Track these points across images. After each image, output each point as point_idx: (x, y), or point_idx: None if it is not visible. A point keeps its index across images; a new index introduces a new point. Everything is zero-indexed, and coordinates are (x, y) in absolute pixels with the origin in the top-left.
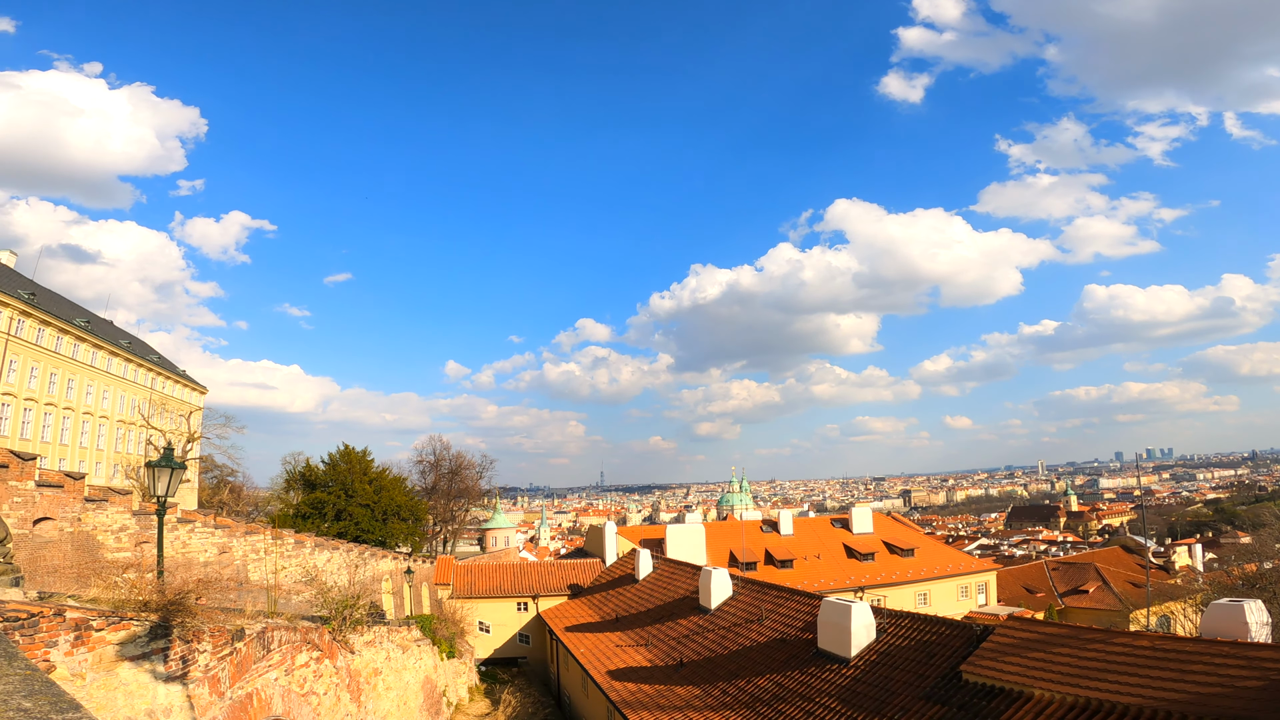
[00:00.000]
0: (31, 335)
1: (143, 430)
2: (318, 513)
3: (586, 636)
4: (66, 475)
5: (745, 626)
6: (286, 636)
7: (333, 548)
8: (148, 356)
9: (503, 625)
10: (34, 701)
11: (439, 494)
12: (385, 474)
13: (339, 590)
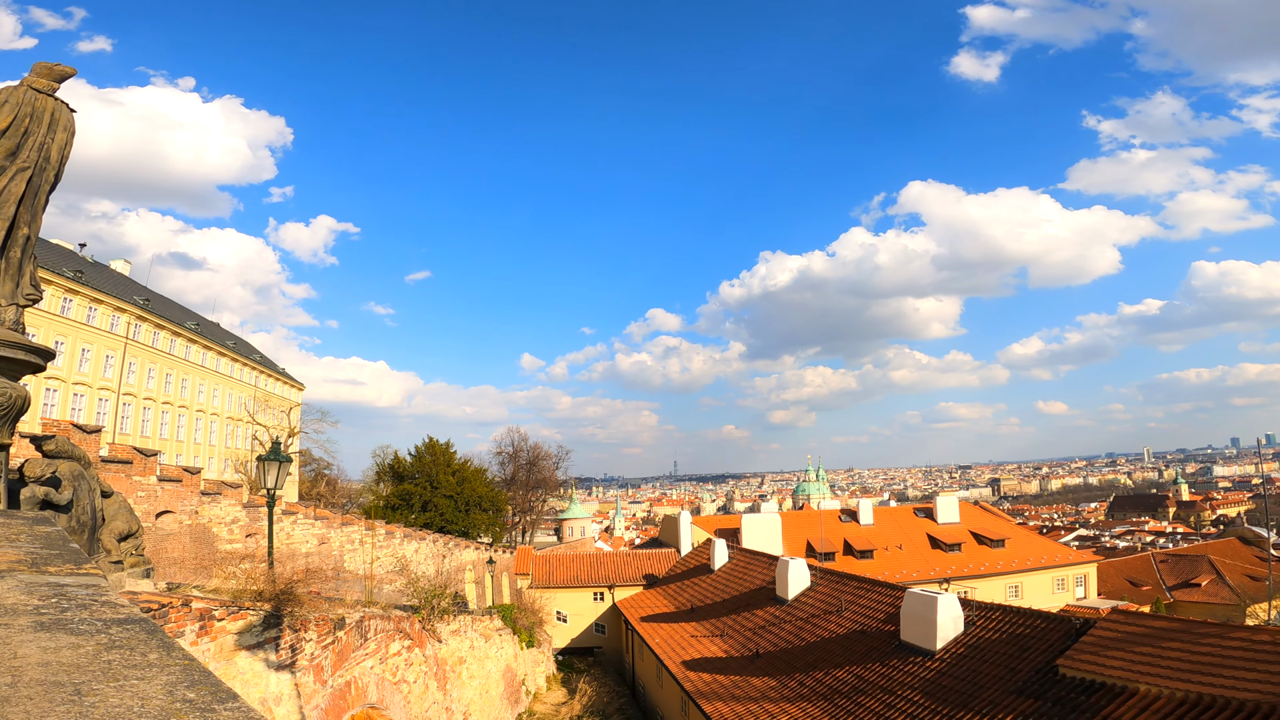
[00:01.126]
0: (148, 338)
1: (249, 426)
2: (406, 504)
3: (661, 627)
4: (184, 470)
5: (823, 618)
6: (381, 625)
7: (420, 538)
8: (251, 356)
9: (579, 615)
10: (197, 692)
11: (517, 485)
12: (467, 466)
13: (427, 580)
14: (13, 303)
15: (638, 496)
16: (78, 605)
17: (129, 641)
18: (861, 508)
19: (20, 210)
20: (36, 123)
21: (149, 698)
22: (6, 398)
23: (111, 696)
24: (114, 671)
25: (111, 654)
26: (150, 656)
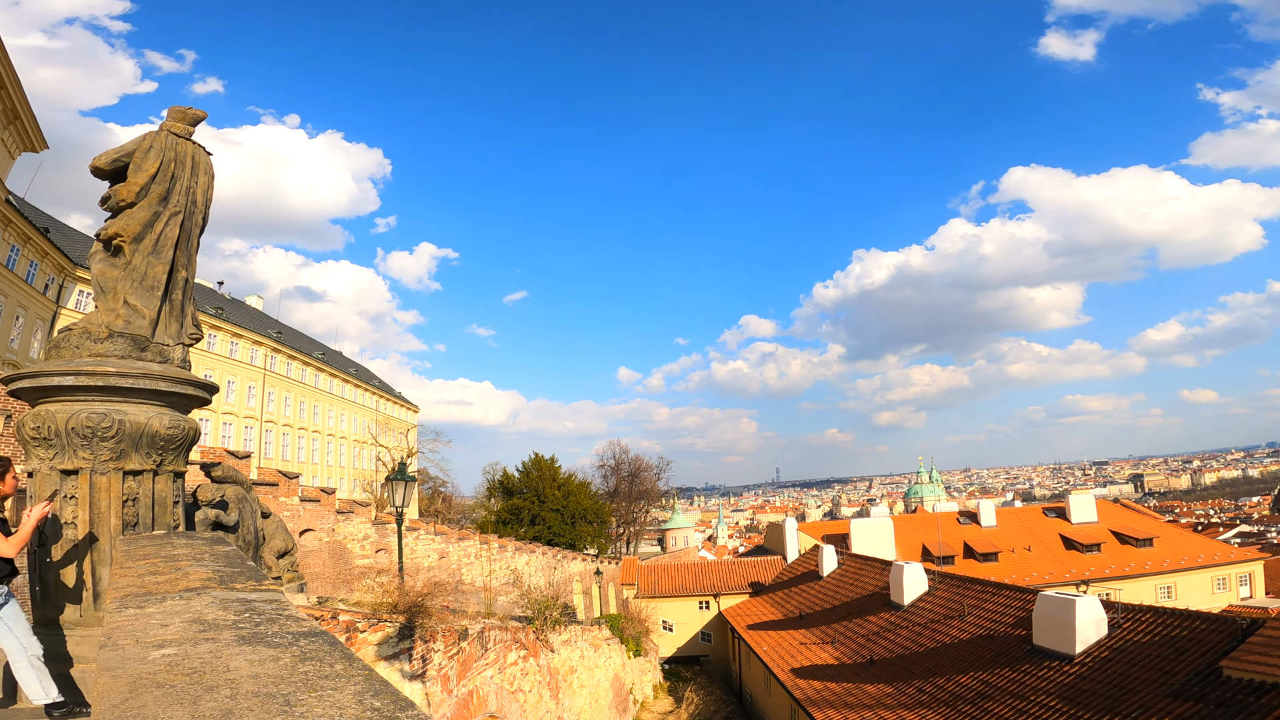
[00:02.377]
0: (282, 369)
1: (372, 448)
2: (515, 518)
3: (769, 634)
4: (321, 491)
5: (943, 623)
6: (499, 636)
7: (530, 551)
8: (371, 382)
9: (685, 624)
10: (381, 700)
11: (620, 496)
12: (572, 479)
13: (539, 591)
14: (179, 342)
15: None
16: (266, 619)
17: (317, 653)
18: (982, 509)
19: (177, 254)
20: (181, 167)
21: (344, 707)
22: (181, 430)
23: (315, 706)
24: (311, 682)
25: (305, 665)
26: (336, 667)
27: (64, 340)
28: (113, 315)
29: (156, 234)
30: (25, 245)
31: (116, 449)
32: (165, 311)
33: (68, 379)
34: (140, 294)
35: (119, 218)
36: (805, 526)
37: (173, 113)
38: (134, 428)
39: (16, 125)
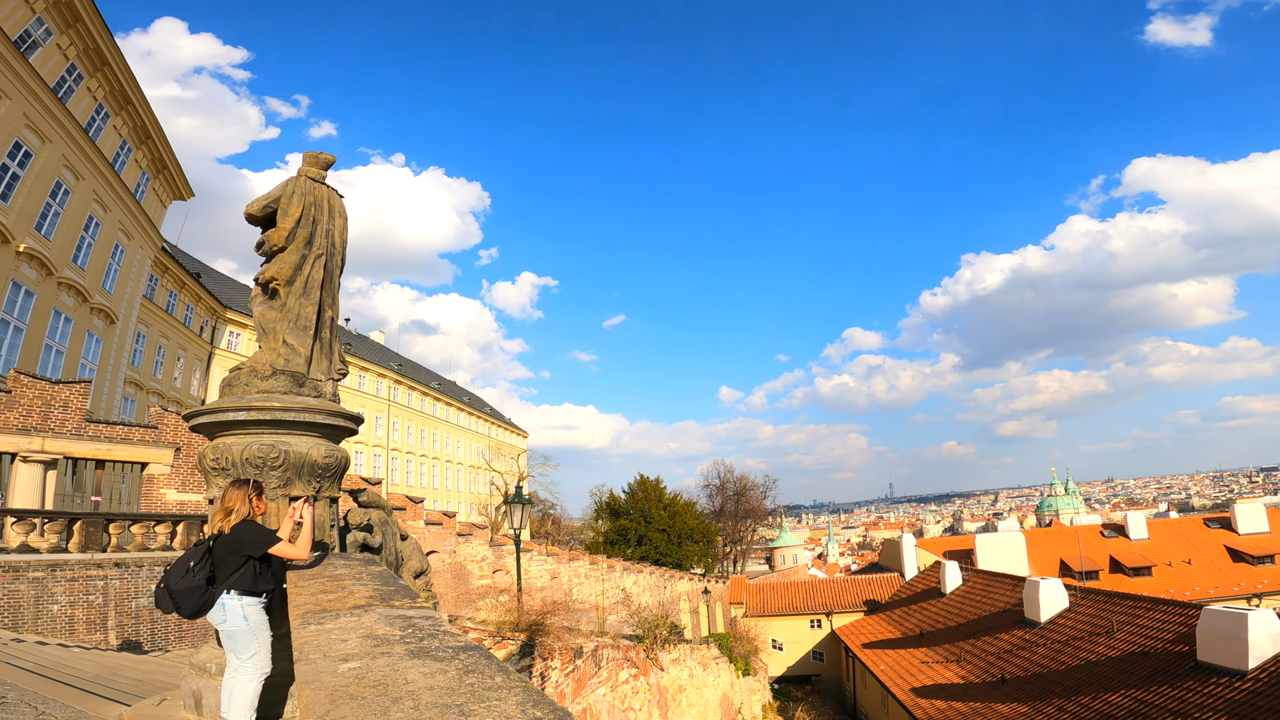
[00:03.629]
0: (404, 399)
1: (486, 472)
2: (623, 539)
3: (886, 653)
4: (444, 514)
5: (1087, 640)
6: (611, 654)
7: (638, 571)
8: (483, 409)
9: (795, 643)
10: (542, 710)
11: (726, 516)
12: (677, 500)
13: (648, 610)
14: (330, 377)
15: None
16: (428, 635)
17: (477, 666)
18: (1130, 520)
19: (323, 295)
20: (320, 211)
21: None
22: (335, 459)
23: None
24: (479, 694)
25: (470, 678)
26: (497, 679)
27: (235, 379)
28: (274, 354)
29: (305, 276)
30: (182, 291)
31: (283, 477)
32: (316, 349)
33: (240, 414)
34: (295, 333)
35: (273, 262)
36: (923, 543)
37: (307, 158)
38: (297, 457)
39: (165, 175)
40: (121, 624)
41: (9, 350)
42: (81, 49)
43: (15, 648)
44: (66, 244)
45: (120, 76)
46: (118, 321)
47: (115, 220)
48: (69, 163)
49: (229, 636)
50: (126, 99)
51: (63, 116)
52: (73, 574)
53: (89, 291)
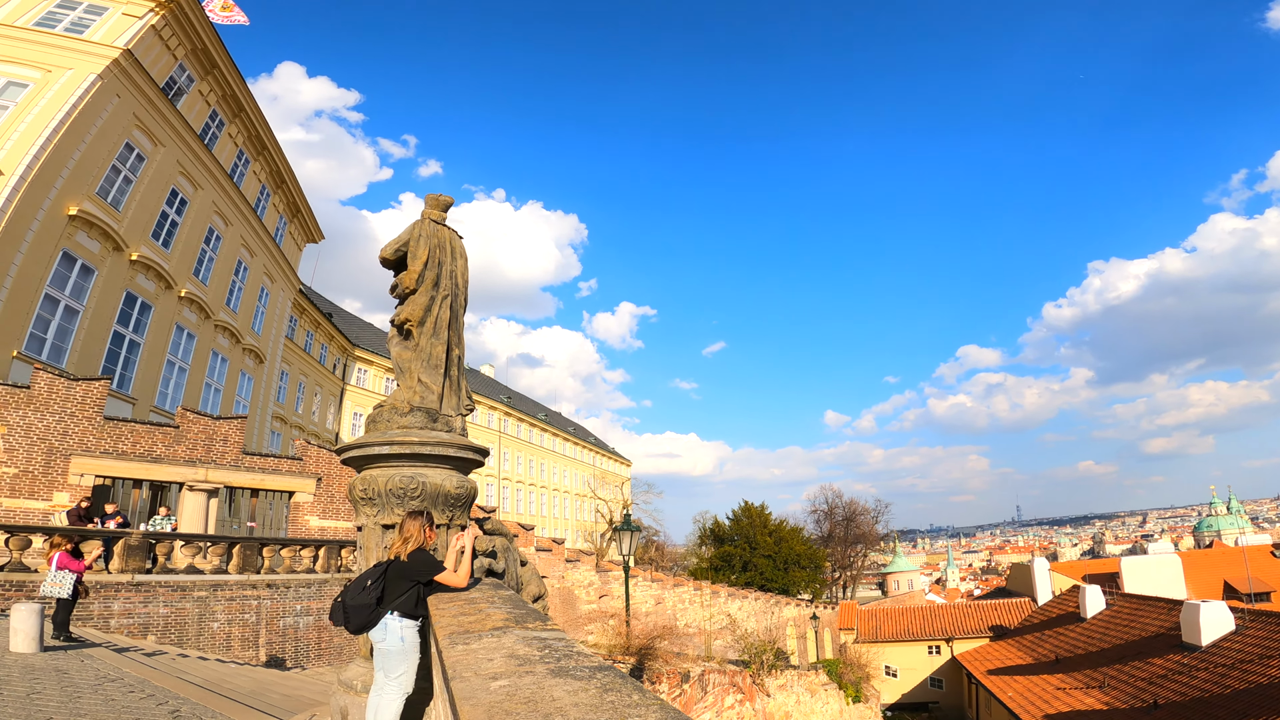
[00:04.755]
0: (513, 430)
1: (591, 500)
2: (727, 565)
3: (1015, 680)
4: (553, 541)
5: (1257, 664)
6: (718, 679)
7: (743, 596)
8: (587, 439)
9: (911, 669)
10: None
11: (835, 541)
12: (783, 525)
13: (755, 636)
14: (459, 413)
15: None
16: (564, 655)
17: (614, 684)
18: None
19: (450, 334)
20: (444, 252)
21: None
22: (466, 489)
23: None
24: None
25: (609, 695)
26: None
27: (378, 415)
28: (410, 392)
29: (434, 317)
30: (317, 330)
31: (421, 505)
32: (447, 386)
33: (384, 448)
34: (428, 372)
35: (405, 304)
36: (1058, 566)
37: (428, 200)
38: (433, 488)
39: (299, 219)
40: (270, 641)
41: (175, 389)
42: (220, 95)
43: (181, 662)
44: (220, 288)
45: (255, 122)
46: (265, 360)
47: (260, 264)
48: (219, 209)
49: (383, 654)
50: (263, 144)
51: (210, 163)
52: (231, 594)
53: (241, 333)
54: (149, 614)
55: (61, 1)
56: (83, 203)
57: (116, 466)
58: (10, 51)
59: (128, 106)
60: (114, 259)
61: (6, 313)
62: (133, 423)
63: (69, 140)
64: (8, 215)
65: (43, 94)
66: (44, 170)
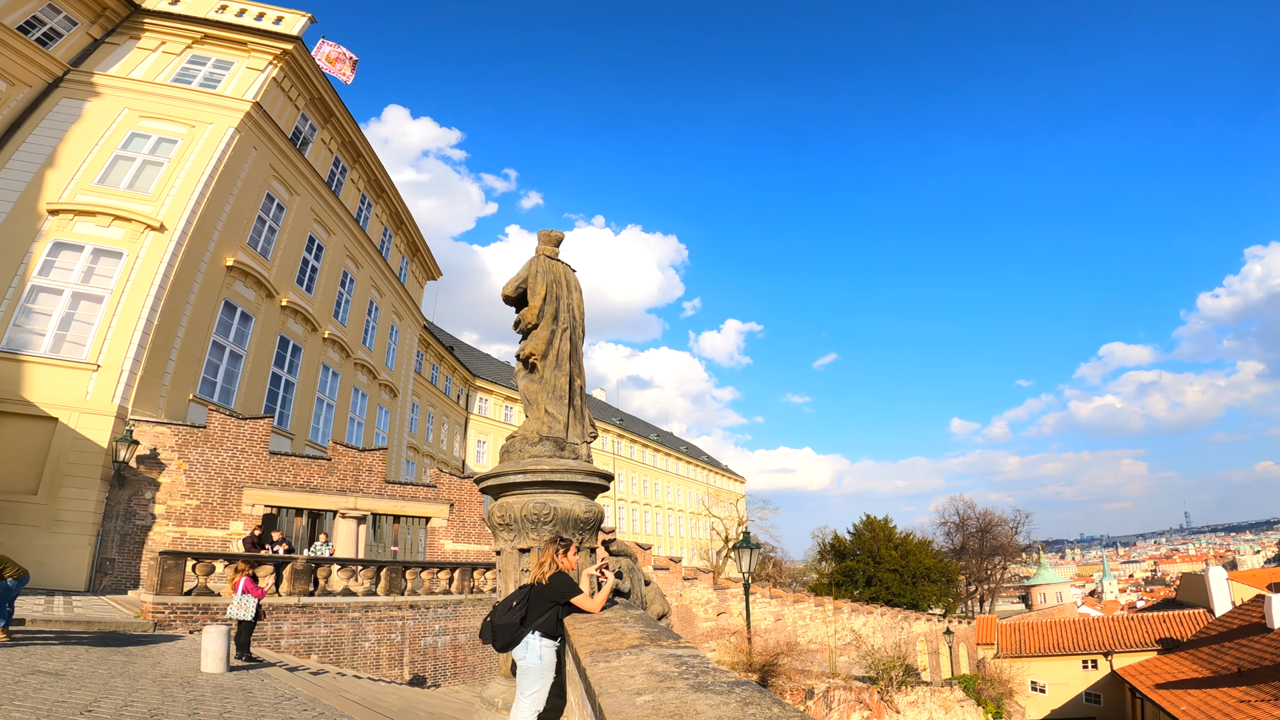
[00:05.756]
0: (626, 452)
1: (705, 518)
2: (849, 580)
3: (1189, 694)
4: (670, 560)
5: None
6: (843, 696)
7: (867, 612)
8: (699, 458)
9: (1063, 684)
10: None
11: (969, 553)
12: (909, 539)
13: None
14: (584, 441)
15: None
16: (700, 671)
17: (754, 698)
18: None
19: (571, 365)
20: (560, 287)
21: None
22: (594, 513)
23: None
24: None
25: (750, 709)
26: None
27: (510, 446)
28: (539, 423)
29: (555, 350)
30: (440, 363)
31: (553, 530)
32: (571, 416)
33: (518, 476)
34: (554, 403)
35: (529, 339)
36: (1238, 575)
37: (541, 236)
38: (563, 513)
39: (418, 259)
40: (413, 660)
41: (324, 424)
42: (340, 142)
43: (340, 681)
44: (357, 328)
45: (373, 166)
46: (399, 394)
47: (389, 303)
48: (350, 253)
49: (523, 672)
50: (381, 188)
51: (338, 209)
52: (380, 615)
53: (376, 369)
54: (312, 634)
55: (193, 58)
56: (237, 253)
57: (281, 497)
58: (156, 108)
59: (264, 158)
60: (267, 305)
61: (181, 360)
62: (292, 456)
63: (219, 193)
64: (175, 269)
65: (190, 149)
66: (201, 223)
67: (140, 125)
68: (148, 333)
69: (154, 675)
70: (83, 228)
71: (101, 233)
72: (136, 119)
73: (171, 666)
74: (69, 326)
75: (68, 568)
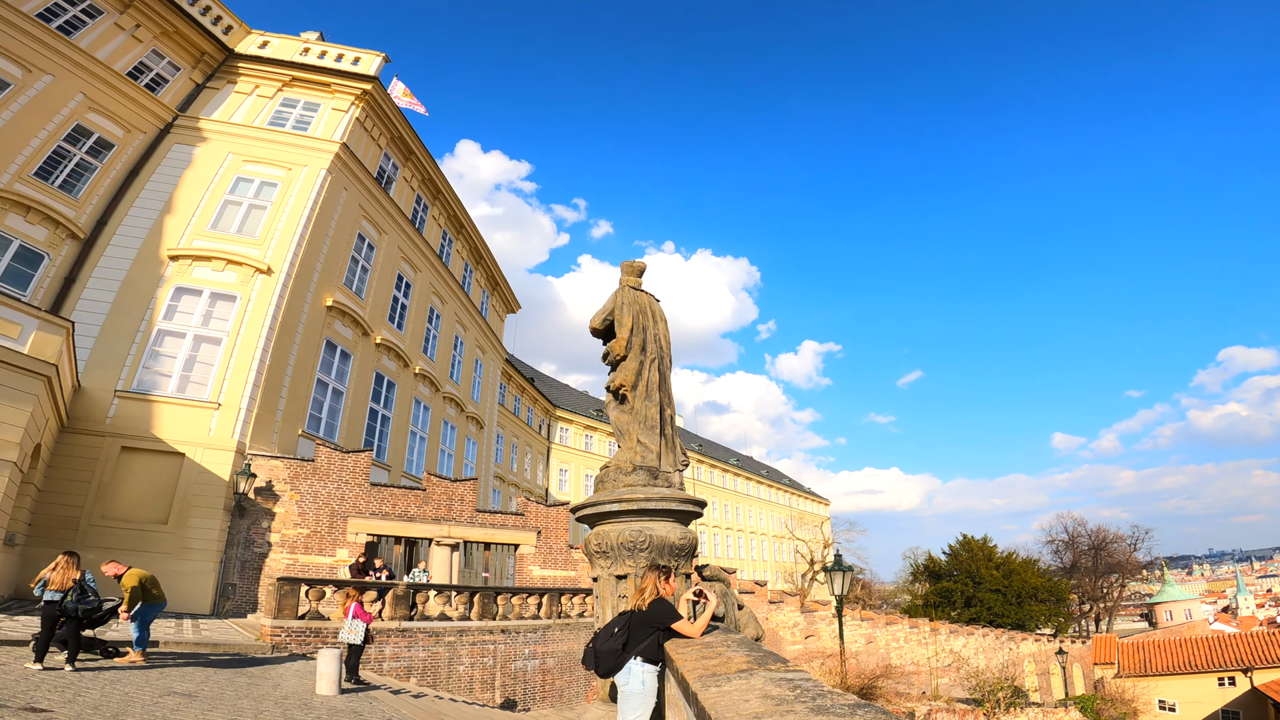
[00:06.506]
0: (706, 477)
1: (789, 541)
2: (946, 601)
3: None
4: (755, 583)
5: None
6: (946, 718)
7: (967, 633)
8: (781, 481)
9: (1195, 703)
10: None
11: (1080, 572)
12: (1012, 558)
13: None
14: (676, 469)
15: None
16: (817, 694)
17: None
18: None
19: (661, 395)
20: (646, 317)
21: None
22: (688, 540)
23: None
24: None
25: None
26: None
27: (605, 476)
28: (631, 452)
29: (644, 380)
30: (522, 395)
31: (649, 557)
32: (663, 445)
33: (614, 505)
34: (645, 432)
35: (618, 370)
36: None
37: (624, 268)
38: (659, 540)
39: (498, 292)
40: (504, 683)
41: (418, 455)
42: (421, 179)
43: (438, 704)
44: (444, 362)
45: (452, 203)
46: (485, 426)
47: (473, 338)
48: (435, 289)
49: (625, 697)
50: (460, 224)
51: (423, 246)
52: (474, 639)
53: (464, 402)
54: (411, 658)
55: (284, 101)
56: (335, 293)
57: (381, 525)
58: (257, 152)
59: (355, 198)
60: (363, 343)
61: (291, 397)
62: (391, 487)
63: (316, 235)
64: (282, 311)
65: (289, 192)
66: (303, 265)
67: (244, 169)
68: (261, 372)
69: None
70: (200, 272)
71: (216, 277)
72: (240, 163)
73: (290, 689)
74: (192, 368)
75: (195, 592)
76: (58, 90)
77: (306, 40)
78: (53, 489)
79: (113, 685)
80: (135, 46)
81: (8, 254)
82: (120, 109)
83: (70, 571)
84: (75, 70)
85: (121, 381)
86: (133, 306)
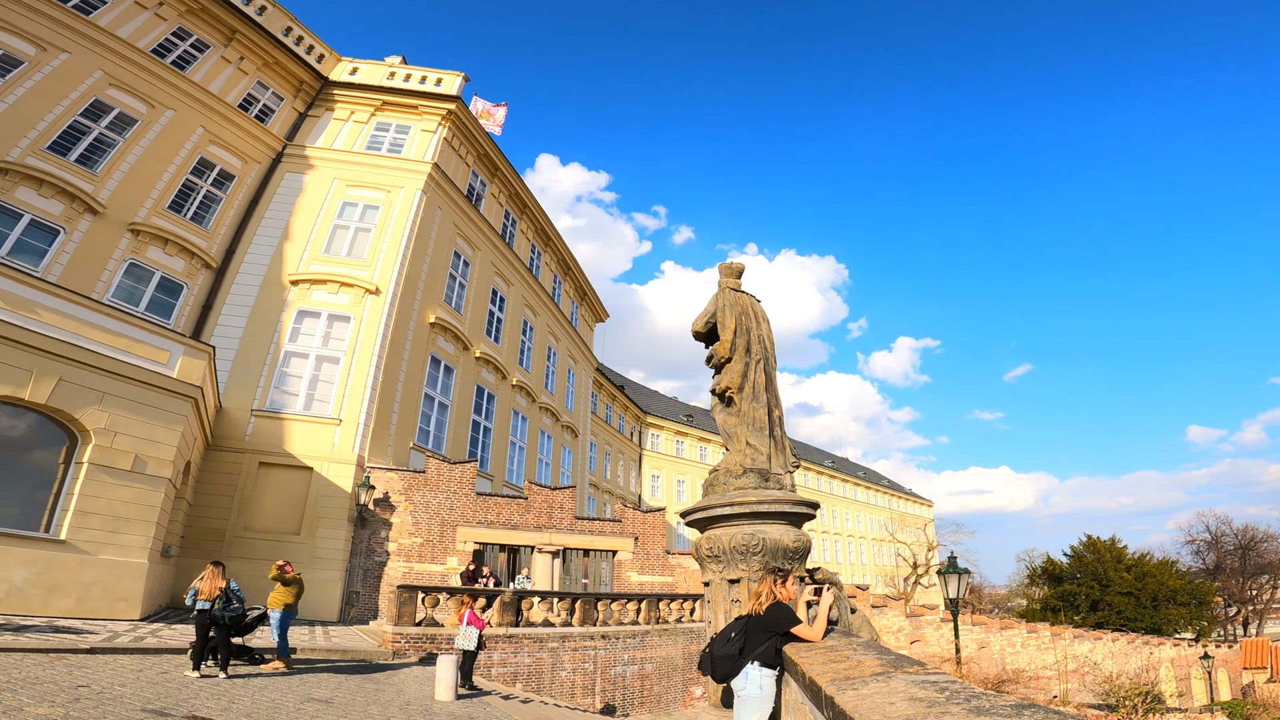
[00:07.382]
0: (800, 480)
1: (890, 544)
2: (1068, 604)
3: None
4: (857, 587)
5: None
6: None
7: (1094, 638)
8: (879, 482)
9: None
10: None
11: (1226, 573)
12: (1145, 559)
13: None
14: (786, 470)
15: None
16: (970, 695)
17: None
18: None
19: (768, 396)
20: (748, 319)
21: None
22: (802, 542)
23: None
24: None
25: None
26: None
27: (714, 479)
28: (741, 455)
29: (750, 382)
30: (613, 402)
31: (762, 560)
32: (772, 447)
33: (725, 509)
34: (754, 435)
35: (723, 373)
36: None
37: (722, 269)
38: (772, 543)
39: (586, 302)
40: (604, 689)
41: (518, 465)
42: (508, 195)
43: (544, 709)
44: (539, 374)
45: (538, 216)
46: (579, 434)
47: (565, 348)
48: (528, 302)
49: (742, 702)
50: (548, 237)
51: (514, 260)
52: (575, 645)
53: (558, 412)
54: (517, 663)
55: (378, 125)
56: (437, 310)
57: (487, 534)
58: (358, 176)
59: (449, 217)
60: (464, 358)
61: (402, 411)
62: (495, 496)
63: (417, 254)
64: (391, 329)
65: (390, 213)
66: (407, 284)
67: (349, 194)
68: (375, 388)
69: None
70: (318, 295)
71: (332, 299)
72: (345, 188)
73: (412, 695)
74: (315, 386)
75: (324, 600)
76: (180, 125)
77: (391, 64)
78: (201, 503)
79: (261, 692)
80: (242, 79)
81: (151, 285)
82: (237, 140)
83: (217, 580)
84: (193, 105)
85: (256, 401)
86: (262, 330)
